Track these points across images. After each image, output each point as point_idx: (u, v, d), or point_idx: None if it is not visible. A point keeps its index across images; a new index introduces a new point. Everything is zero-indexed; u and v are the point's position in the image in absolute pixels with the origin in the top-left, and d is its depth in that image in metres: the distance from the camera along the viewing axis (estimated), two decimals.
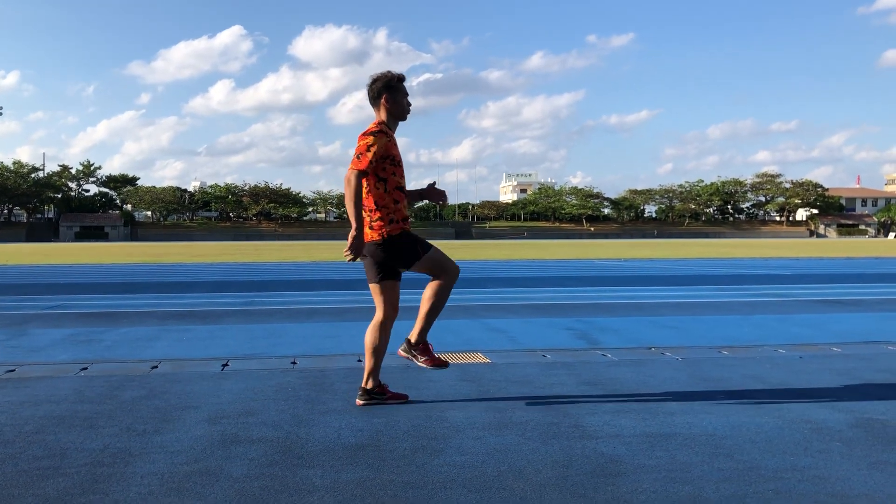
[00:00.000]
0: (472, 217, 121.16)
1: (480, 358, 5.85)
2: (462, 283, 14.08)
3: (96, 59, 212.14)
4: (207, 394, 4.57)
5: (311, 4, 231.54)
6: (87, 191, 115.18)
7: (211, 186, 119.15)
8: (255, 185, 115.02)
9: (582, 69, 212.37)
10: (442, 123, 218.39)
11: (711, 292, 11.92)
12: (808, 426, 3.74)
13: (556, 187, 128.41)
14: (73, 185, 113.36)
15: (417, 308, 4.43)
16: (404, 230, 4.24)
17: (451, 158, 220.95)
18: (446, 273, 4.30)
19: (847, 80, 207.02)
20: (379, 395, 4.30)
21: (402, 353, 4.40)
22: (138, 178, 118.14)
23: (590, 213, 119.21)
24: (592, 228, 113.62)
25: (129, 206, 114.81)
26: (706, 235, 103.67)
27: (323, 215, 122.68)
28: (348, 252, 4.12)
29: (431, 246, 4.31)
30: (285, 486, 2.91)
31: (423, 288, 4.41)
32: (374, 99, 4.29)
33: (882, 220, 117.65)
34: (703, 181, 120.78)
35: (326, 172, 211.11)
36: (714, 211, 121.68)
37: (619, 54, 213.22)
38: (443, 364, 4.35)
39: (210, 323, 8.11)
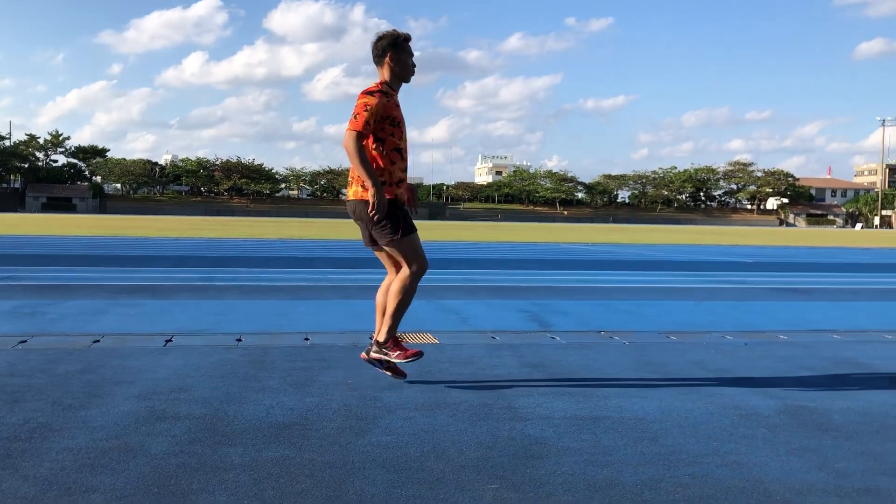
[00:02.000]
0: (447, 198, 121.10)
1: (429, 339, 5.83)
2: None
3: (66, 27, 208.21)
4: (144, 369, 4.51)
5: None
6: (56, 161, 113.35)
7: (182, 160, 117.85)
8: (227, 160, 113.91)
9: (560, 52, 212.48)
10: (419, 102, 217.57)
11: (670, 278, 12.01)
12: (737, 412, 3.78)
13: (532, 170, 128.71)
14: (40, 155, 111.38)
15: (375, 293, 4.36)
16: (396, 196, 4.12)
17: (428, 138, 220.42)
18: (415, 266, 4.16)
19: (821, 72, 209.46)
20: (388, 348, 4.22)
21: (373, 356, 4.26)
22: (108, 150, 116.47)
23: (564, 197, 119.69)
24: (566, 212, 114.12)
25: (98, 179, 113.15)
26: (678, 222, 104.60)
27: (296, 192, 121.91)
28: (374, 212, 3.98)
29: (414, 233, 4.17)
30: (202, 464, 2.87)
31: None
32: (379, 57, 4.18)
33: (850, 210, 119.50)
34: (676, 168, 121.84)
35: (301, 149, 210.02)
36: (686, 198, 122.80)
37: (598, 38, 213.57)
38: (418, 353, 4.20)
39: (162, 298, 8.01)
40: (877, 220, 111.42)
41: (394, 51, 4.15)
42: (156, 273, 10.94)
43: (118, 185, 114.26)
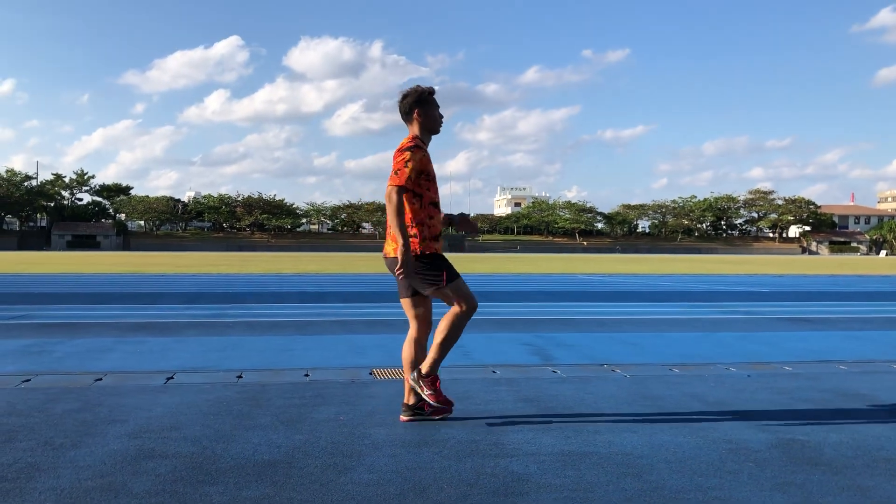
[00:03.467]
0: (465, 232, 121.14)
1: None
2: None
3: (90, 68, 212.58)
4: (140, 407, 4.55)
5: (308, 16, 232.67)
6: (81, 200, 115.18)
7: (204, 197, 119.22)
8: (249, 196, 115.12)
9: (577, 84, 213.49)
10: (437, 136, 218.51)
11: (681, 309, 11.93)
12: (727, 446, 3.74)
13: (550, 201, 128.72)
14: (66, 193, 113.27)
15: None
16: (436, 252, 4.19)
17: (447, 171, 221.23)
18: (465, 305, 4.21)
19: (841, 98, 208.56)
20: (420, 410, 4.26)
21: (411, 382, 4.26)
22: (132, 188, 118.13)
23: (583, 227, 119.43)
24: (585, 243, 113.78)
25: (122, 216, 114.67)
26: (698, 251, 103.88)
27: (316, 226, 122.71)
28: (401, 270, 4.04)
29: (458, 276, 4.24)
30: None
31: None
32: (407, 114, 4.28)
33: (874, 237, 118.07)
34: (696, 197, 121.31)
35: (321, 184, 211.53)
36: (707, 227, 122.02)
37: (615, 69, 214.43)
38: (446, 408, 4.23)
39: (168, 335, 8.08)
40: None
41: (421, 106, 4.25)
42: (166, 310, 11.04)
43: (141, 223, 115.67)
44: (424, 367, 4.22)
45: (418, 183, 4.12)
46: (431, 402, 4.19)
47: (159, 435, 3.89)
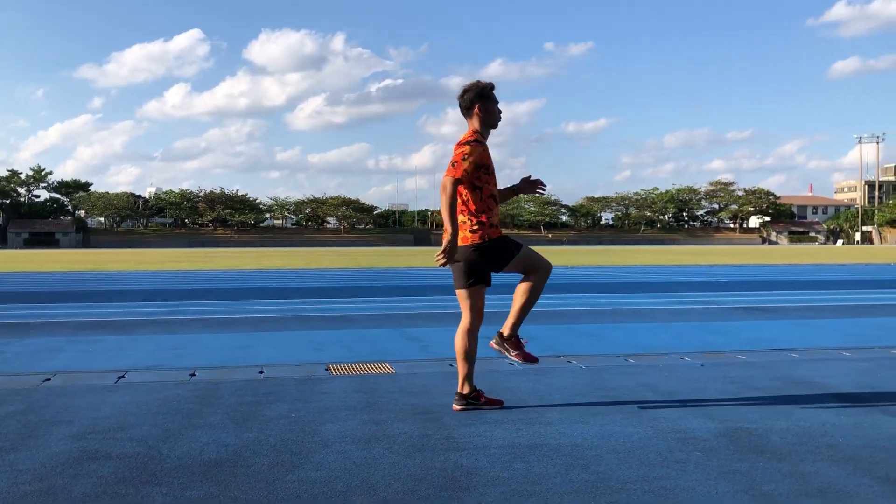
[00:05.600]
0: (432, 224, 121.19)
1: (386, 368, 5.81)
2: (395, 292, 14.04)
3: (45, 62, 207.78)
4: (88, 408, 4.46)
5: (268, 8, 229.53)
6: (38, 196, 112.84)
7: (165, 192, 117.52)
8: (211, 191, 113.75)
9: (541, 77, 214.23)
10: (402, 129, 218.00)
11: (641, 299, 12.05)
12: (676, 435, 3.77)
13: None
14: (22, 190, 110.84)
15: (506, 312, 4.50)
16: (500, 234, 4.33)
17: (411, 165, 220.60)
18: (539, 270, 4.38)
19: (799, 91, 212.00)
20: (475, 400, 4.36)
21: (494, 346, 4.46)
22: (91, 184, 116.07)
23: (548, 220, 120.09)
24: (550, 235, 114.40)
25: (81, 213, 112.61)
26: (661, 242, 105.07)
27: (280, 222, 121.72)
28: (441, 256, 4.13)
29: (522, 245, 4.38)
30: None
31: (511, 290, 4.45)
32: (467, 109, 4.34)
33: (831, 227, 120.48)
34: (658, 189, 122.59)
35: (285, 178, 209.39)
36: (669, 218, 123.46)
37: (578, 63, 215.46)
38: (533, 360, 4.45)
39: (123, 333, 7.94)
40: (857, 236, 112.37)
41: (481, 101, 4.32)
42: (122, 308, 10.86)
43: (101, 219, 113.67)
44: (506, 331, 4.43)
45: (478, 176, 4.20)
46: (519, 362, 4.40)
47: (105, 436, 3.82)
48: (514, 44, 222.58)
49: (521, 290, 4.39)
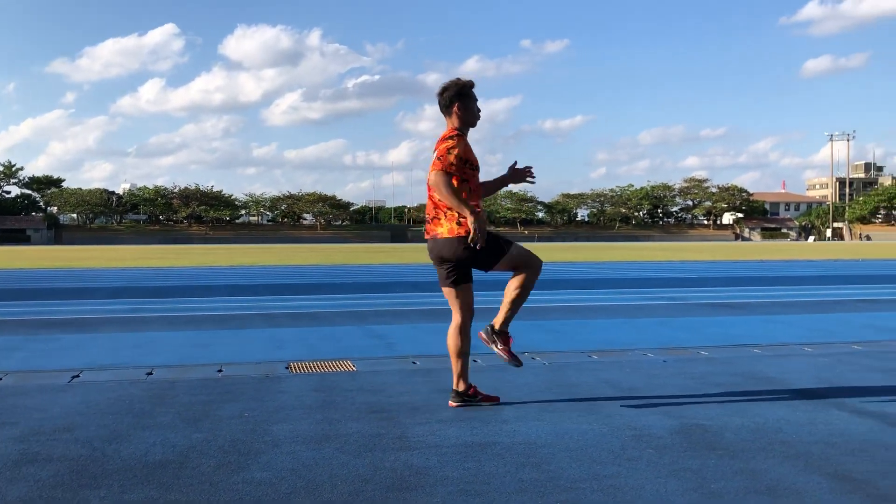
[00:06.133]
0: (409, 220, 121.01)
1: (348, 366, 5.75)
2: (365, 288, 13.95)
3: (16, 57, 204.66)
4: (36, 408, 4.35)
5: (244, 3, 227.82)
6: (9, 192, 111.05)
7: (140, 189, 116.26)
8: (186, 188, 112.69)
9: (517, 74, 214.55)
10: (379, 126, 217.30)
11: (610, 295, 12.07)
12: (631, 433, 3.75)
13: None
14: None
15: (496, 308, 4.44)
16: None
17: (388, 161, 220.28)
18: (530, 268, 4.34)
19: (772, 88, 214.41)
20: (471, 396, 4.35)
21: (483, 336, 4.40)
22: (63, 180, 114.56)
23: (524, 216, 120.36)
24: (526, 231, 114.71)
25: (53, 209, 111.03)
26: (636, 239, 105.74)
27: (256, 218, 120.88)
28: (476, 239, 4.06)
29: (513, 243, 4.34)
30: None
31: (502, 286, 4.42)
32: (446, 107, 4.31)
33: (803, 223, 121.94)
34: (633, 185, 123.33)
35: (261, 174, 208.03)
36: (644, 215, 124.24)
37: (554, 60, 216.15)
38: (516, 360, 4.36)
39: (83, 331, 7.80)
40: (829, 233, 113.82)
41: (461, 100, 4.28)
42: (85, 306, 10.68)
43: (74, 216, 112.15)
44: (498, 325, 4.35)
45: (462, 170, 4.17)
46: (504, 358, 4.32)
47: (49, 437, 3.72)
48: (491, 41, 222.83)
49: (513, 285, 4.37)
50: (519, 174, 4.58)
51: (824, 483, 3.00)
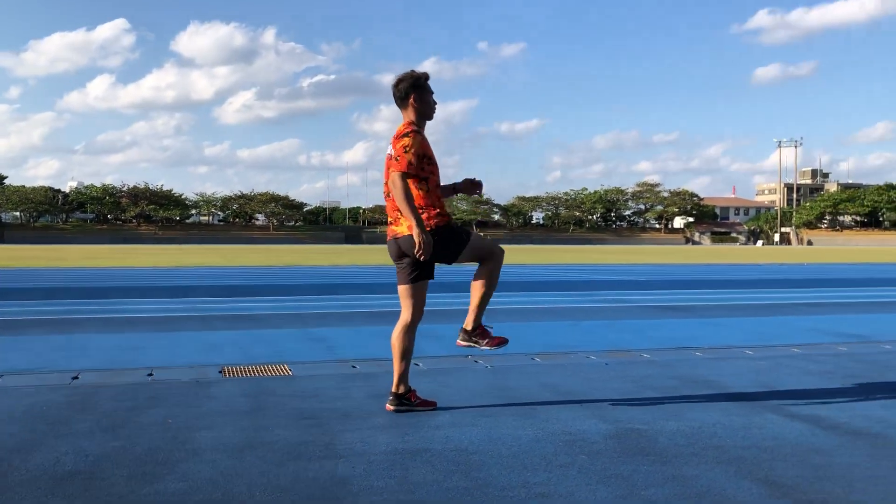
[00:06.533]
0: (364, 221, 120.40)
1: (284, 370, 5.59)
2: (311, 290, 13.74)
3: None
4: None
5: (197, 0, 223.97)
6: None
7: (87, 187, 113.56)
8: (135, 186, 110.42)
9: (474, 76, 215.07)
10: (334, 126, 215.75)
11: (558, 298, 12.07)
12: (565, 438, 3.68)
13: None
14: None
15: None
16: (449, 221, 4.25)
17: (343, 161, 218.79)
18: (494, 256, 4.37)
19: (723, 95, 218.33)
20: (409, 401, 4.26)
21: (463, 343, 4.42)
22: (6, 177, 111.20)
23: (480, 218, 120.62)
24: (482, 234, 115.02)
25: None
26: (589, 241, 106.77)
27: (207, 218, 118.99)
28: (420, 252, 4.03)
29: (471, 232, 4.35)
30: None
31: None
32: (402, 100, 4.24)
33: (752, 228, 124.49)
34: (587, 189, 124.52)
35: (213, 174, 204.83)
36: (597, 218, 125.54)
37: (510, 63, 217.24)
38: (503, 340, 4.42)
39: (9, 334, 7.49)
40: (776, 237, 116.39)
41: (416, 91, 4.22)
42: (16, 307, 10.28)
43: (17, 214, 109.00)
44: (470, 325, 4.38)
45: (421, 167, 4.12)
46: (493, 347, 4.36)
47: None
48: (448, 43, 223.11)
49: (478, 280, 4.36)
50: (470, 187, 4.53)
51: (754, 489, 2.95)
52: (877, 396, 4.70)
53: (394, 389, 4.28)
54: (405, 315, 4.30)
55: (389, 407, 4.25)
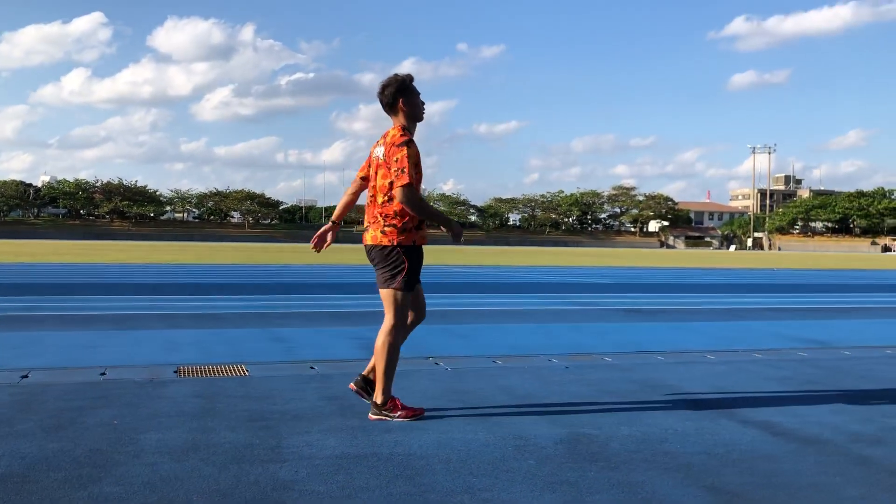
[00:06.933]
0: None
1: (241, 371, 5.51)
2: (278, 289, 13.62)
3: None
4: None
5: None
6: None
7: (59, 182, 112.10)
8: (108, 182, 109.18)
9: (453, 77, 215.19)
10: (312, 124, 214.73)
11: (527, 300, 12.06)
12: (515, 442, 3.64)
13: (425, 193, 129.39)
14: None
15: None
16: (415, 244, 4.13)
17: (321, 160, 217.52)
18: (418, 311, 4.32)
19: (700, 101, 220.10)
20: (389, 410, 4.12)
21: (373, 417, 4.12)
22: None
23: (457, 219, 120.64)
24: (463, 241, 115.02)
25: None
26: (565, 244, 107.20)
27: (182, 215, 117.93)
28: (459, 238, 4.13)
29: (412, 289, 4.18)
30: None
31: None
32: (390, 105, 4.19)
33: (725, 233, 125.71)
34: (563, 192, 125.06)
35: (189, 170, 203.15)
36: (573, 221, 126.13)
37: (490, 65, 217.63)
38: (420, 413, 4.19)
39: None
40: (749, 242, 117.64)
41: (404, 95, 4.17)
42: None
43: None
44: (379, 398, 4.11)
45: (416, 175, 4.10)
46: (407, 419, 4.08)
47: None
48: (428, 43, 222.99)
49: (380, 344, 4.15)
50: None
51: (699, 496, 2.94)
52: (830, 402, 4.72)
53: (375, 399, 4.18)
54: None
55: (372, 417, 4.18)
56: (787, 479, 3.16)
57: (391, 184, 4.06)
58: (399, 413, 4.09)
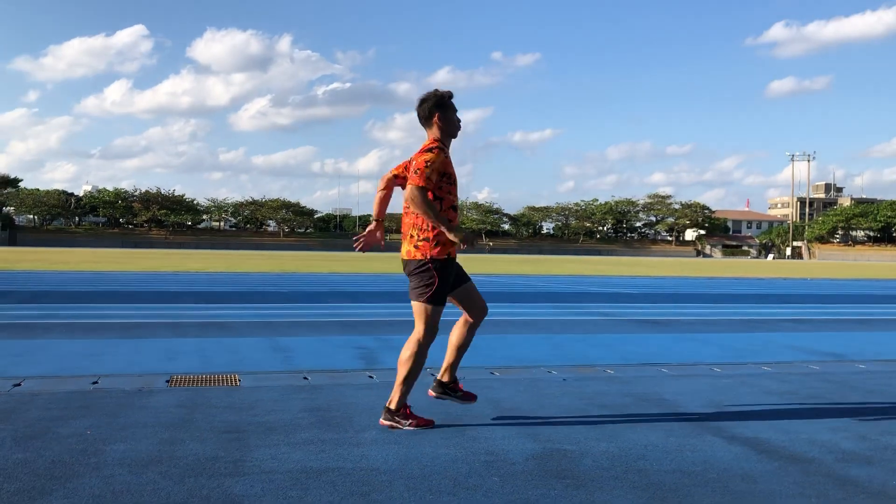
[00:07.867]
0: None
1: (233, 380, 5.48)
2: (296, 298, 13.64)
3: None
4: None
5: (214, 7, 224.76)
6: None
7: (99, 191, 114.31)
8: (147, 191, 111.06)
9: (488, 86, 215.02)
10: (348, 134, 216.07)
11: (541, 310, 11.92)
12: (485, 458, 3.55)
13: (459, 202, 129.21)
14: None
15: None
16: (450, 256, 4.15)
17: (357, 169, 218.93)
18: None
19: (738, 109, 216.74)
20: (453, 390, 4.38)
21: (383, 422, 4.17)
22: (21, 180, 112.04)
23: (490, 228, 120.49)
24: (492, 244, 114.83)
25: (10, 209, 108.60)
26: (598, 252, 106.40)
27: (219, 224, 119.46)
28: (465, 244, 4.11)
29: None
30: None
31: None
32: (426, 119, 4.25)
33: (763, 241, 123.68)
34: (598, 200, 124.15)
35: (227, 179, 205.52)
36: (608, 229, 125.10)
37: (525, 73, 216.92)
38: (430, 424, 4.21)
39: None
40: (788, 251, 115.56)
41: (441, 110, 4.22)
42: None
43: (31, 216, 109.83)
44: (393, 404, 4.15)
45: (439, 185, 4.12)
46: (418, 428, 4.11)
47: None
48: (462, 52, 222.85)
49: (406, 355, 4.20)
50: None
51: None
52: (828, 418, 4.54)
53: (439, 377, 4.42)
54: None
55: (432, 393, 4.44)
56: (758, 501, 3.02)
57: None
58: (410, 422, 4.12)
